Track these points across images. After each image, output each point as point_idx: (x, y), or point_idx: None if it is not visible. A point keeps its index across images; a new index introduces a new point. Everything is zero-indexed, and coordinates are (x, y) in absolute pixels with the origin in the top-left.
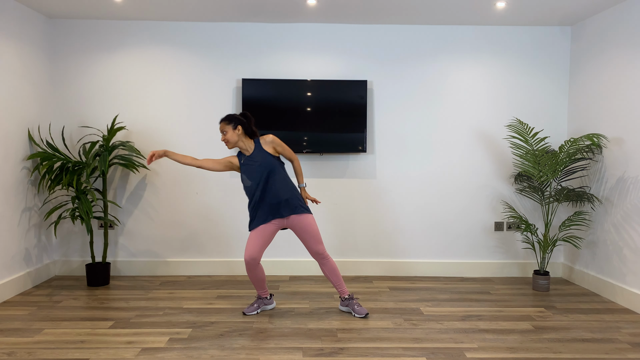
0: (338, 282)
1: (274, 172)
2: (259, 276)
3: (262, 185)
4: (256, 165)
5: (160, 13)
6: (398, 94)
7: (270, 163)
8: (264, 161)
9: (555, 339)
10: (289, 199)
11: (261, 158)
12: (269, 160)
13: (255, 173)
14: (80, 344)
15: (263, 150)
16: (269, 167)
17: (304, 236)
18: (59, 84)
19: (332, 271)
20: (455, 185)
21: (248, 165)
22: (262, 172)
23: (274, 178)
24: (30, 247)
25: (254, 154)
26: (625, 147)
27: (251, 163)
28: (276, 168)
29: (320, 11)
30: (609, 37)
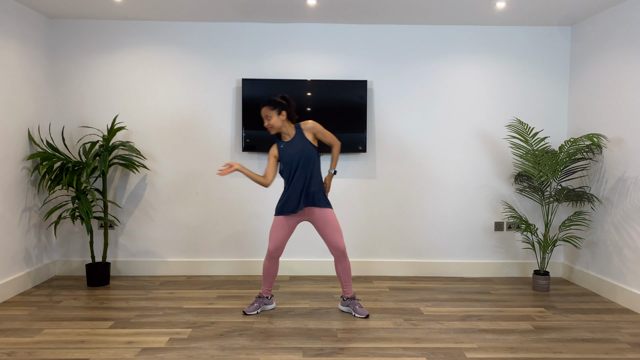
0: (347, 282)
1: (311, 161)
2: (273, 270)
3: (298, 172)
4: (296, 151)
5: (160, 13)
6: (398, 94)
7: (309, 151)
8: (304, 148)
9: (555, 339)
10: (316, 192)
11: (302, 145)
12: (309, 147)
13: (293, 159)
14: (80, 344)
15: (304, 137)
16: (307, 155)
17: (326, 230)
18: (59, 84)
19: (345, 270)
20: (455, 185)
21: (287, 151)
22: (300, 158)
23: (309, 167)
24: (30, 247)
25: (294, 139)
26: (625, 147)
27: (291, 149)
28: (313, 157)
29: (320, 11)
30: (609, 37)
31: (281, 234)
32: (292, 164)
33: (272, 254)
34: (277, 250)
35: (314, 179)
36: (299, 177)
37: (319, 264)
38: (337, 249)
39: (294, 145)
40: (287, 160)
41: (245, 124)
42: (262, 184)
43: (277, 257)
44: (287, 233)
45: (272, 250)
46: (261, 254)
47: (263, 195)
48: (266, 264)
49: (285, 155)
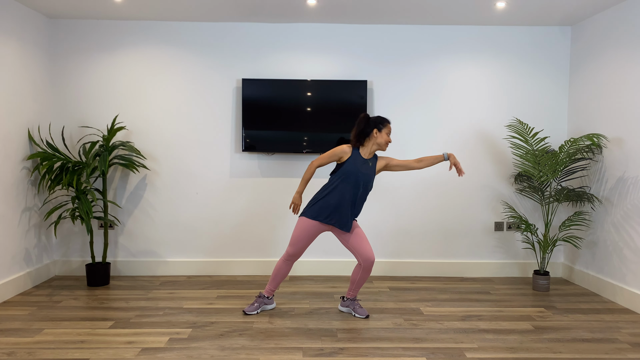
0: (359, 287)
1: (368, 189)
2: (285, 273)
3: (358, 192)
4: (366, 172)
5: (160, 13)
6: (398, 94)
7: (372, 179)
8: (372, 173)
9: (555, 339)
10: (356, 215)
11: (372, 170)
12: (373, 176)
13: (359, 179)
14: (80, 344)
15: (375, 165)
16: (370, 183)
17: (357, 241)
18: (59, 84)
19: (365, 278)
20: (455, 185)
21: (359, 165)
22: (365, 181)
23: (366, 194)
24: (30, 247)
25: (371, 161)
26: (625, 147)
27: (363, 168)
28: (371, 187)
29: (320, 11)
30: (609, 37)
31: (306, 240)
32: (354, 182)
33: (291, 258)
34: (296, 255)
35: (362, 205)
36: (357, 196)
37: (319, 264)
38: (368, 260)
39: (368, 167)
40: (351, 173)
41: (245, 124)
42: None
43: (294, 261)
44: (310, 239)
45: (291, 254)
46: (261, 254)
47: (264, 195)
48: (281, 264)
49: (353, 168)
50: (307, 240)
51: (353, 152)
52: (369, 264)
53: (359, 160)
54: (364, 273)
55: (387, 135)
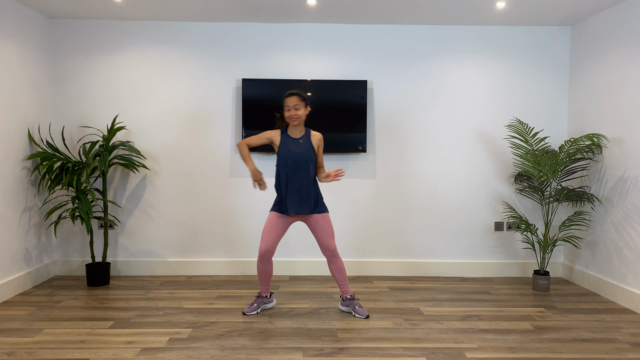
0: (343, 282)
1: (310, 165)
2: (268, 271)
3: (300, 174)
4: (300, 151)
5: (160, 13)
6: (398, 94)
7: (311, 155)
8: (308, 151)
9: (555, 339)
10: (312, 195)
11: (307, 147)
12: (311, 152)
13: (295, 159)
14: (80, 344)
15: (310, 142)
16: (308, 160)
17: (320, 233)
18: (59, 84)
19: (339, 270)
20: (455, 185)
21: (290, 148)
22: (302, 160)
23: (309, 172)
24: (30, 247)
25: (302, 139)
26: (625, 147)
27: (295, 147)
28: (313, 163)
29: (320, 11)
30: (609, 37)
31: (273, 234)
32: (290, 162)
33: (264, 256)
34: (268, 251)
35: (313, 181)
36: (298, 177)
37: (319, 264)
38: (327, 249)
39: (300, 145)
40: (285, 156)
41: (245, 124)
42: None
43: (270, 258)
44: (279, 234)
45: (263, 252)
46: None
47: (263, 194)
48: (259, 266)
49: (286, 151)
50: (271, 233)
51: (282, 136)
52: (329, 253)
53: (289, 140)
54: (331, 264)
55: (286, 110)
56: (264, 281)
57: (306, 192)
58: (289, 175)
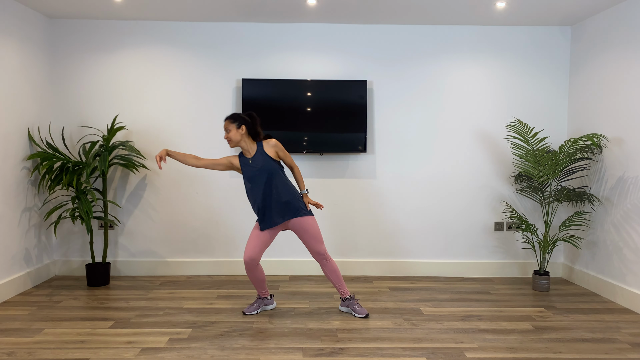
0: (339, 283)
1: (274, 176)
2: (259, 277)
3: (264, 188)
4: (257, 168)
5: (160, 13)
6: (398, 94)
7: (270, 167)
8: (265, 164)
9: (555, 339)
10: (290, 202)
11: (262, 161)
12: (269, 164)
13: (256, 177)
14: (80, 344)
15: (264, 154)
16: (270, 171)
17: (305, 237)
18: (59, 84)
19: (332, 272)
20: (455, 185)
21: (249, 168)
22: (263, 175)
23: (275, 182)
24: (30, 247)
25: (255, 157)
26: (625, 147)
27: (252, 166)
28: (276, 172)
29: (320, 11)
30: (609, 37)
31: (257, 243)
32: (260, 181)
33: (249, 263)
34: (252, 260)
35: (284, 190)
36: (269, 190)
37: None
38: (318, 254)
39: (255, 161)
40: (249, 177)
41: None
42: (192, 165)
43: (256, 266)
44: (264, 242)
45: (247, 260)
46: None
47: None
48: (248, 274)
49: (248, 171)
50: (254, 242)
51: (240, 159)
52: (319, 257)
53: (246, 163)
54: (323, 267)
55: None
56: (259, 286)
57: (287, 198)
58: (264, 192)
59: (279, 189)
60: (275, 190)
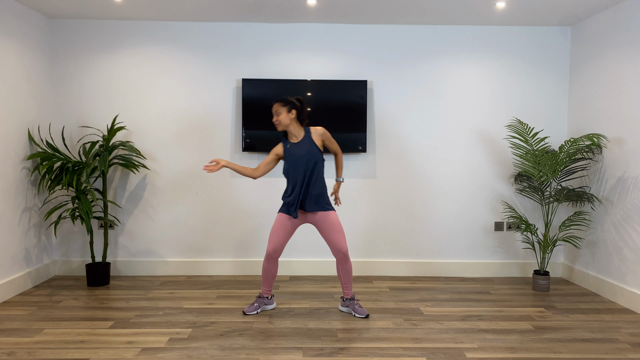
0: (348, 283)
1: (317, 164)
2: (273, 271)
3: (307, 175)
4: (302, 154)
5: (160, 13)
6: (398, 94)
7: (316, 154)
8: (310, 150)
9: (555, 339)
10: (322, 194)
11: (308, 147)
12: (315, 150)
13: (300, 162)
14: (80, 344)
15: (311, 140)
16: (315, 158)
17: (329, 232)
18: (59, 84)
19: (347, 272)
20: (455, 185)
21: (294, 152)
22: (308, 161)
23: (317, 170)
24: (30, 247)
25: (302, 142)
26: (625, 147)
27: (298, 151)
28: (320, 161)
29: (320, 11)
30: (609, 37)
31: (282, 235)
32: (299, 165)
33: (271, 255)
34: (275, 251)
35: (319, 182)
36: (305, 178)
37: (319, 264)
38: (339, 251)
39: (301, 147)
40: (292, 161)
41: (245, 124)
42: (250, 176)
43: (276, 258)
44: (287, 235)
45: (270, 252)
46: (261, 254)
47: (263, 195)
48: (265, 265)
49: (291, 156)
50: (280, 234)
51: (283, 144)
52: (341, 255)
53: (290, 148)
54: (342, 266)
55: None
56: (268, 282)
57: (320, 191)
58: (306, 178)
59: (318, 178)
60: (315, 179)
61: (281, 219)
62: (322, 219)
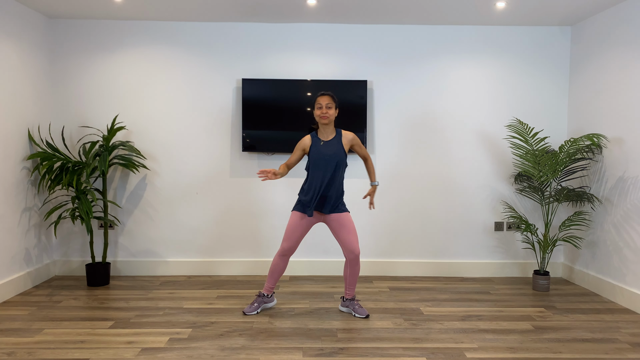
0: (353, 285)
1: (340, 167)
2: (282, 269)
3: (328, 175)
4: (328, 154)
5: (160, 13)
6: (398, 94)
7: (341, 156)
8: (337, 152)
9: (555, 339)
10: (340, 197)
11: (336, 149)
12: (342, 153)
13: (324, 161)
14: (80, 344)
15: (340, 143)
16: (339, 160)
17: (344, 232)
18: (59, 84)
19: (354, 274)
20: (455, 185)
21: (322, 150)
22: (332, 162)
23: (339, 173)
24: (30, 247)
25: (332, 141)
26: (625, 147)
27: (325, 150)
28: (344, 163)
29: (320, 11)
30: (609, 37)
31: (297, 233)
32: (325, 165)
33: (285, 253)
34: (290, 250)
35: (338, 184)
36: (328, 179)
37: (319, 264)
38: (352, 252)
39: (331, 146)
40: (318, 159)
41: (245, 124)
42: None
43: (289, 256)
44: (303, 233)
45: (286, 249)
46: (261, 254)
47: (263, 195)
48: (277, 260)
49: (317, 154)
50: (296, 232)
51: (312, 139)
52: (353, 256)
53: (318, 144)
54: (351, 267)
55: (318, 109)
56: (274, 278)
57: (337, 193)
58: (327, 178)
59: (338, 180)
60: (336, 182)
61: (296, 217)
62: (336, 219)
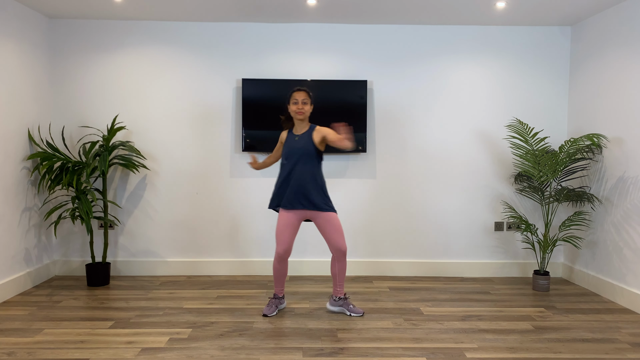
0: (341, 282)
1: (308, 160)
2: (284, 271)
3: (294, 167)
4: (299, 146)
5: (160, 13)
6: (398, 94)
7: (309, 150)
8: (306, 145)
9: (555, 339)
10: (318, 192)
11: (305, 142)
12: (310, 145)
13: (292, 154)
14: (80, 344)
15: (310, 137)
16: (305, 151)
17: (329, 230)
18: (59, 84)
19: (342, 270)
20: (455, 185)
21: (291, 143)
22: (299, 154)
23: (305, 167)
24: (30, 247)
25: (303, 135)
26: (625, 147)
27: (295, 143)
28: (312, 158)
29: (320, 11)
30: (609, 37)
31: (288, 233)
32: (292, 156)
33: (282, 256)
34: (286, 252)
35: (311, 182)
36: (292, 167)
37: (319, 264)
38: (339, 250)
39: (301, 140)
40: (288, 151)
41: (246, 124)
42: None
43: (287, 259)
44: (294, 232)
45: (281, 253)
46: (261, 254)
47: (264, 195)
48: (276, 266)
49: (287, 147)
50: (285, 232)
51: (288, 134)
52: (339, 253)
53: (290, 138)
54: (339, 263)
55: (294, 104)
56: (280, 281)
57: (309, 186)
58: (292, 170)
59: (306, 176)
60: (302, 176)
61: (283, 216)
62: (322, 217)
